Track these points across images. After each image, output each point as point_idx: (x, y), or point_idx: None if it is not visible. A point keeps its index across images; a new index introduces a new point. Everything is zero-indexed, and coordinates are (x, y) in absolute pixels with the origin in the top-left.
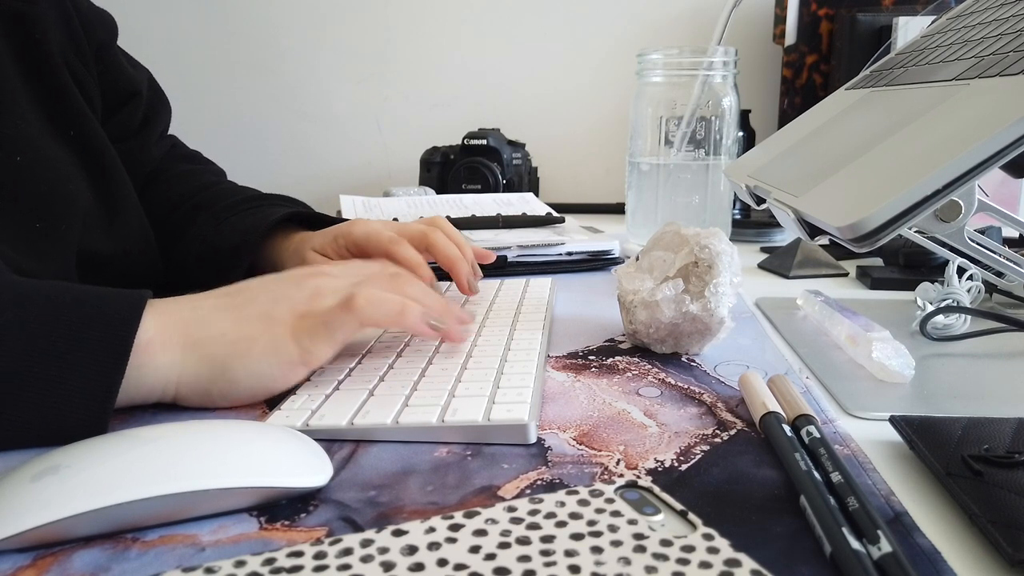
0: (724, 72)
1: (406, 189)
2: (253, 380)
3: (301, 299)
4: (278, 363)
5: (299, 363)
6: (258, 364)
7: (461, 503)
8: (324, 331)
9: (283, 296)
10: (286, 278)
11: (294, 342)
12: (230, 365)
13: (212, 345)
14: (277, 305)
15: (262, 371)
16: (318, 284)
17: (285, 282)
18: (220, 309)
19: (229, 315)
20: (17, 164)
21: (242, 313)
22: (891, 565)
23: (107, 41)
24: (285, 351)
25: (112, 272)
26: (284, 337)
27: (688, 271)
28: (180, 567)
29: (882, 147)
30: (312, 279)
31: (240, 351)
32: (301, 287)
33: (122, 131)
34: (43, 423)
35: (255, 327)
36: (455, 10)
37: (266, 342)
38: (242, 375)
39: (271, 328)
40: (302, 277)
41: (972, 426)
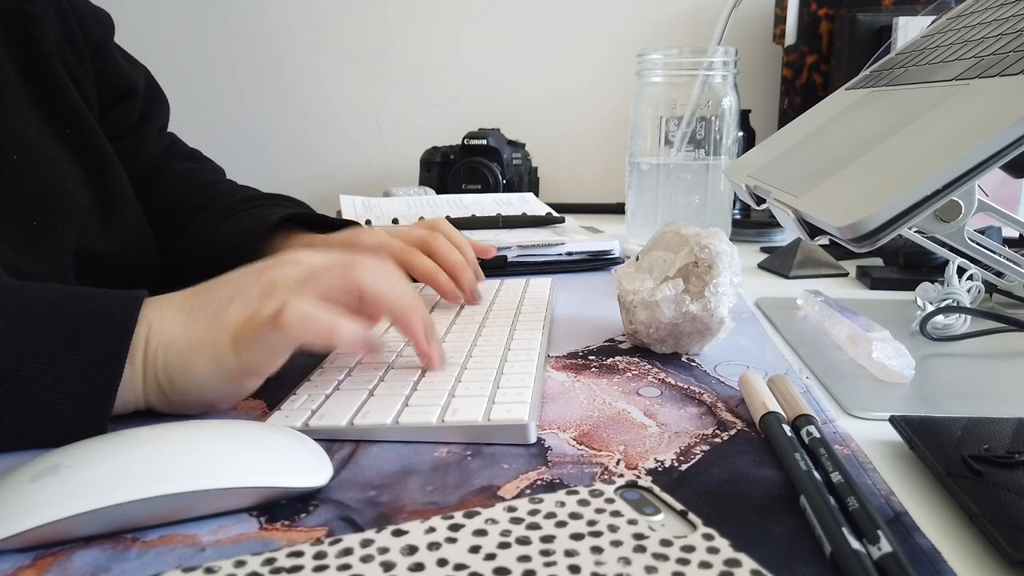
0: (724, 72)
1: (406, 189)
2: (198, 393)
3: (254, 296)
4: (219, 376)
5: (241, 375)
6: (200, 378)
7: (461, 503)
8: (259, 344)
9: (239, 292)
10: (255, 268)
11: (233, 353)
12: (176, 377)
13: (163, 355)
14: (230, 305)
15: (206, 384)
16: (275, 276)
17: (250, 275)
18: (180, 311)
19: (183, 319)
20: (14, 163)
21: (196, 315)
22: (891, 565)
23: (104, 39)
24: (225, 364)
25: (110, 271)
26: (225, 347)
27: (688, 271)
28: (180, 567)
29: (882, 147)
30: (274, 270)
31: (185, 363)
32: (259, 280)
33: (119, 128)
34: (41, 426)
35: (201, 332)
36: (455, 10)
37: (208, 352)
38: (188, 389)
39: (215, 334)
40: (267, 267)
41: (972, 426)
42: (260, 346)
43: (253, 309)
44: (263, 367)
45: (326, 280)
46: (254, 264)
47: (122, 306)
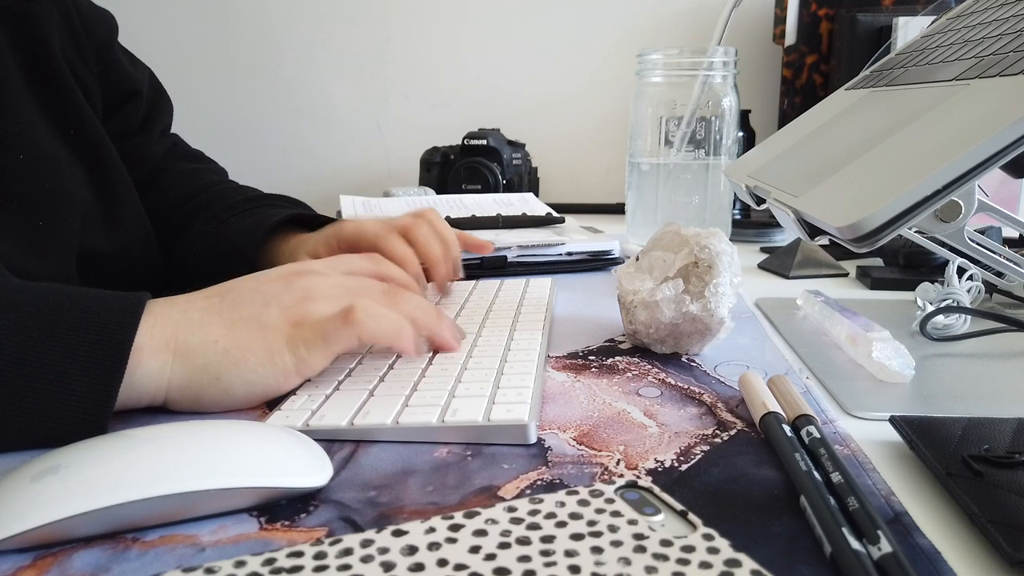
0: (724, 72)
1: (406, 189)
2: (247, 388)
3: (291, 302)
4: (273, 373)
5: (294, 372)
6: (253, 373)
7: (461, 503)
8: (321, 342)
9: (273, 298)
10: (274, 277)
11: (290, 351)
12: (223, 374)
13: (204, 353)
14: (268, 309)
15: (256, 380)
16: (307, 285)
17: (274, 282)
18: (210, 312)
19: (220, 320)
20: (19, 162)
21: (233, 317)
22: (891, 565)
23: (108, 40)
24: (280, 361)
25: (113, 271)
26: (279, 346)
27: (688, 271)
28: (180, 567)
29: (882, 147)
30: (300, 279)
31: (233, 360)
32: (290, 288)
33: (123, 129)
34: (42, 427)
35: (248, 334)
36: (455, 10)
37: (261, 351)
38: (236, 384)
39: (265, 336)
40: (290, 276)
41: (972, 426)
42: (324, 342)
43: (299, 312)
44: (318, 364)
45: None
46: (268, 272)
47: (124, 307)
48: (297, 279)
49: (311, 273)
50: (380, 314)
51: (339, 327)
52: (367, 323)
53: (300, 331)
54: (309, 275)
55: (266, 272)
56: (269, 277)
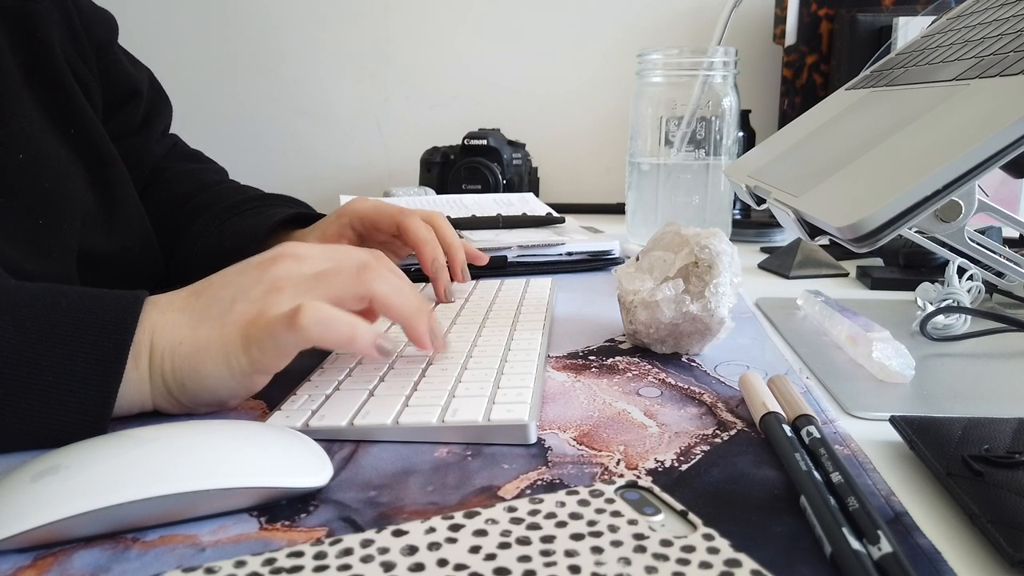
0: (724, 72)
1: (406, 189)
2: (210, 392)
3: (257, 295)
4: (230, 374)
5: (251, 372)
6: (211, 377)
7: (461, 503)
8: (270, 343)
9: (242, 292)
10: (253, 264)
11: (244, 352)
12: (185, 378)
13: (170, 358)
14: (234, 305)
15: (217, 385)
16: (278, 274)
17: (251, 270)
18: (185, 312)
19: (188, 319)
20: (19, 162)
21: (201, 316)
22: (891, 565)
23: (108, 40)
24: (236, 362)
25: (113, 271)
26: (234, 346)
27: (688, 271)
28: (180, 567)
29: (882, 147)
30: (275, 266)
31: (193, 364)
32: (262, 279)
33: (123, 129)
34: (42, 427)
35: (208, 333)
36: (455, 10)
37: (217, 353)
38: (198, 388)
39: (223, 334)
40: (267, 263)
41: (972, 426)
42: (273, 344)
43: (259, 308)
44: (274, 365)
45: (337, 284)
46: (249, 260)
47: (122, 307)
48: (272, 267)
49: (289, 258)
50: (329, 319)
51: (285, 330)
52: (313, 328)
53: (253, 330)
54: (286, 260)
55: (251, 258)
56: (250, 264)
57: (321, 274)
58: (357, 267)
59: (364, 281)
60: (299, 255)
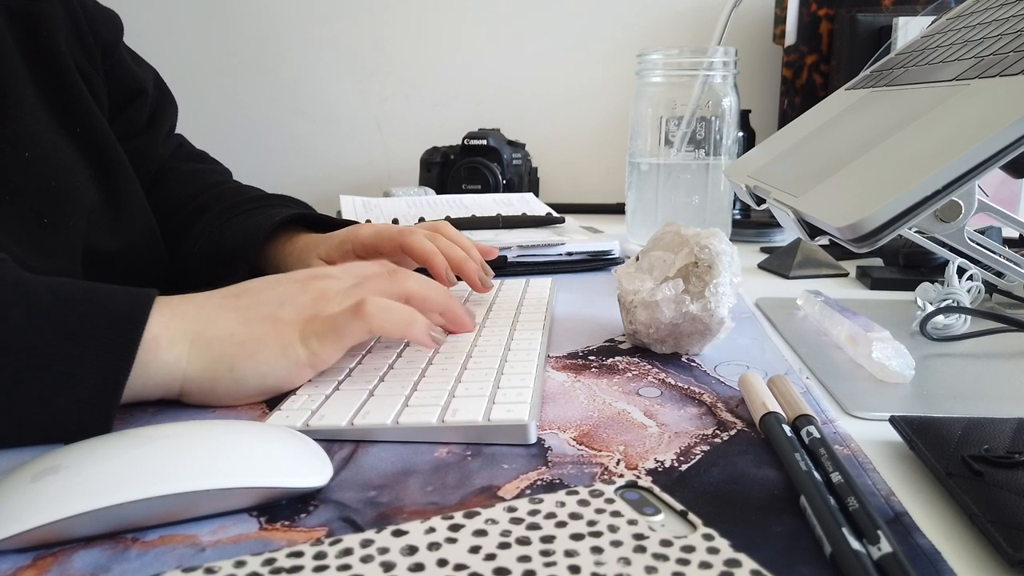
0: (724, 72)
1: (406, 189)
2: (259, 380)
3: (306, 302)
4: (286, 364)
5: (306, 365)
6: (266, 365)
7: (461, 503)
8: (333, 335)
9: (289, 298)
10: (290, 280)
11: (302, 344)
12: (238, 365)
13: (220, 345)
14: (283, 307)
15: (269, 372)
16: (322, 287)
17: (289, 284)
18: (226, 309)
19: (236, 315)
20: (24, 160)
21: (249, 314)
22: (891, 565)
23: (113, 39)
24: (293, 353)
25: (117, 269)
26: (292, 339)
27: (688, 271)
28: (180, 567)
29: (882, 147)
30: (316, 282)
31: (248, 351)
32: (306, 289)
33: (129, 129)
34: (49, 419)
35: (263, 328)
36: (455, 10)
37: (274, 343)
38: (249, 375)
39: (279, 330)
40: (306, 279)
41: (972, 426)
42: (335, 335)
43: (312, 312)
44: (330, 357)
45: (377, 287)
46: (286, 275)
47: (134, 302)
48: (312, 282)
49: (326, 277)
50: (391, 307)
51: (350, 320)
52: (377, 316)
53: (312, 325)
54: (324, 279)
55: (281, 275)
56: (285, 279)
57: (359, 283)
58: (388, 272)
59: (399, 281)
60: (331, 274)
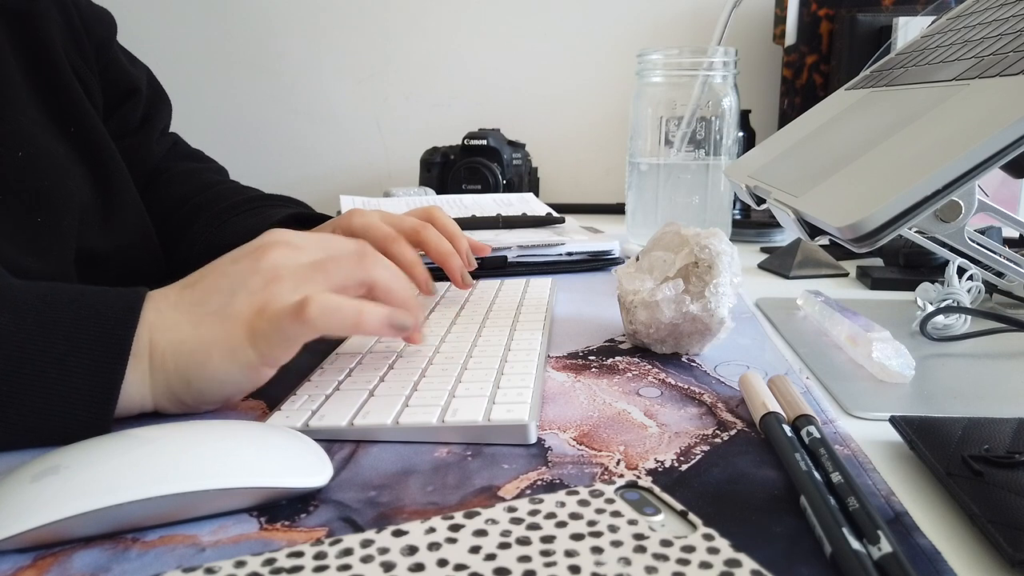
0: (724, 72)
1: (406, 189)
2: (218, 388)
3: (257, 285)
4: (238, 369)
5: (259, 365)
6: (218, 372)
7: (461, 503)
8: (278, 336)
9: (240, 284)
10: (246, 253)
11: (251, 345)
12: (192, 377)
13: (173, 357)
14: (234, 298)
15: (225, 379)
16: (276, 261)
17: (244, 260)
18: (181, 309)
19: (187, 317)
20: (18, 160)
21: (199, 312)
22: (891, 565)
23: (107, 38)
24: (243, 356)
25: (111, 269)
26: (240, 340)
27: (688, 271)
28: (180, 567)
29: (882, 147)
30: (271, 252)
31: (199, 360)
32: (258, 266)
33: (123, 128)
34: (45, 425)
35: (211, 330)
36: (455, 10)
37: (222, 348)
38: (205, 386)
39: (227, 330)
40: (263, 250)
41: (972, 426)
42: (281, 337)
43: (261, 299)
44: (282, 357)
45: (338, 271)
46: (241, 248)
47: (124, 304)
48: (267, 254)
49: (283, 245)
50: (336, 307)
51: (293, 323)
52: (320, 320)
53: (260, 322)
54: (280, 247)
55: (243, 246)
56: (242, 253)
57: (320, 262)
58: (356, 254)
59: (365, 267)
60: (291, 242)
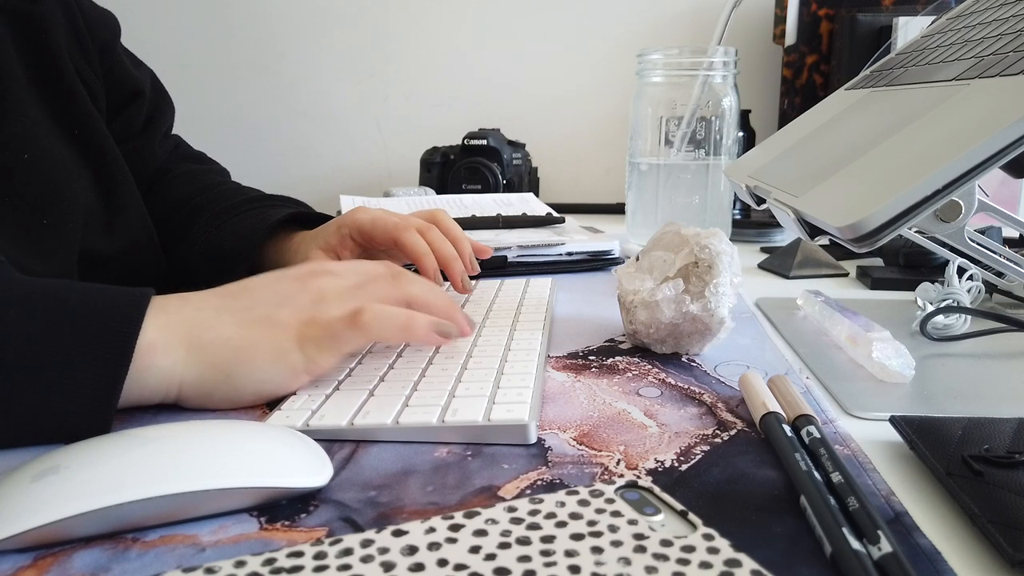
0: (724, 72)
1: (406, 189)
2: (256, 386)
3: (305, 303)
4: (281, 371)
5: (303, 371)
6: (262, 371)
7: (461, 503)
8: (330, 343)
9: (287, 299)
10: (289, 277)
11: (299, 350)
12: (234, 371)
13: (216, 350)
14: (281, 309)
15: (266, 378)
16: (321, 286)
17: (288, 282)
18: (223, 311)
19: (233, 318)
20: (22, 162)
21: (246, 317)
22: (891, 565)
23: (111, 41)
24: (289, 359)
25: (114, 272)
26: (289, 344)
27: (688, 271)
28: (180, 567)
29: (882, 147)
30: (315, 279)
31: (244, 358)
32: (305, 288)
33: (126, 131)
34: (48, 421)
35: (259, 332)
36: (455, 10)
37: (270, 349)
38: (246, 381)
39: (275, 334)
40: (306, 276)
41: (972, 426)
42: (333, 343)
43: (310, 314)
44: (328, 364)
45: (378, 291)
46: (284, 271)
47: (130, 303)
48: (311, 280)
49: (326, 274)
50: (388, 315)
51: (347, 329)
52: (374, 325)
53: (310, 330)
54: (323, 276)
55: (282, 271)
56: (285, 276)
57: (361, 284)
58: (391, 275)
59: (401, 286)
60: (333, 271)
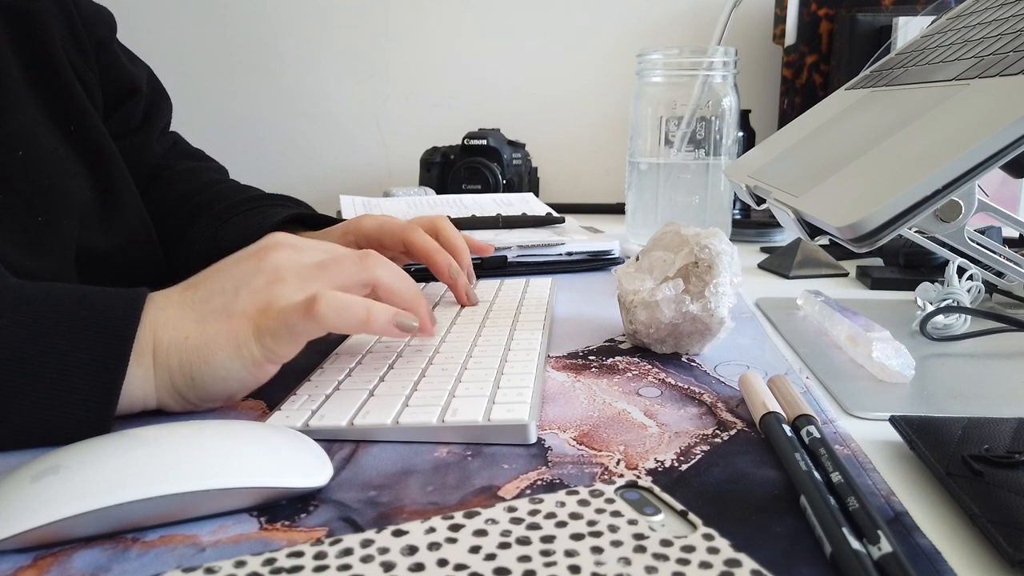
0: (724, 72)
1: (406, 189)
2: (222, 385)
3: (261, 284)
4: (243, 365)
5: (264, 362)
6: (223, 368)
7: (461, 503)
8: (286, 332)
9: (243, 283)
10: (247, 255)
11: (256, 342)
12: (196, 372)
13: (177, 352)
14: (238, 295)
15: (228, 375)
16: (279, 262)
17: (246, 260)
18: (184, 306)
19: (192, 314)
20: (18, 159)
21: (203, 310)
22: (891, 565)
23: (107, 37)
24: (248, 352)
25: (112, 269)
26: (246, 336)
27: (688, 271)
28: (180, 567)
29: (882, 147)
30: (272, 253)
31: (203, 356)
32: (261, 267)
33: (123, 127)
34: (46, 424)
35: (215, 327)
36: (455, 10)
37: (227, 344)
38: (209, 381)
39: (232, 327)
40: (263, 252)
41: (972, 426)
42: (288, 333)
43: (265, 298)
44: (287, 353)
45: (341, 272)
46: (244, 250)
47: (125, 303)
48: (268, 255)
49: (284, 247)
50: (344, 304)
51: (302, 320)
52: (330, 316)
53: (266, 320)
54: (281, 248)
55: (244, 249)
56: (243, 255)
57: (322, 263)
58: (358, 256)
59: (368, 268)
60: (293, 244)
